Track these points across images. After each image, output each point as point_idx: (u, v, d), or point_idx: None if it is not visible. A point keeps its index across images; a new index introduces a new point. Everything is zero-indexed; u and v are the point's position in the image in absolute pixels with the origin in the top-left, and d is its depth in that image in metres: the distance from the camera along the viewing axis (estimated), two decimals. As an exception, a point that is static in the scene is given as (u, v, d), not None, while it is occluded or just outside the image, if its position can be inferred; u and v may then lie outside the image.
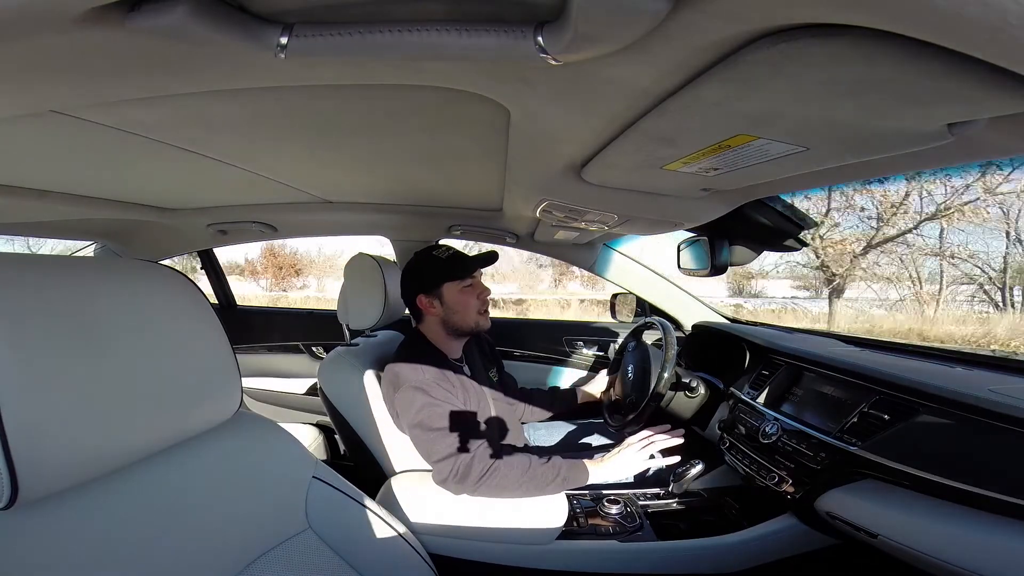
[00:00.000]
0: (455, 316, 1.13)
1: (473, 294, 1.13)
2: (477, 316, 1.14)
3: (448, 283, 1.12)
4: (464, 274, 1.13)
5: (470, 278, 1.13)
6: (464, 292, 1.12)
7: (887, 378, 0.86)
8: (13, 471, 0.40)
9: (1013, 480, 0.62)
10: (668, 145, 0.59)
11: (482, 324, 1.15)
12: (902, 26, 0.28)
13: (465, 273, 1.13)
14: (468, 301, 1.12)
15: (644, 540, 0.97)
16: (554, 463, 1.00)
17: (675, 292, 1.75)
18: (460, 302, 1.12)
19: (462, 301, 1.12)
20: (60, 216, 1.27)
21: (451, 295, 1.12)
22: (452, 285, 1.12)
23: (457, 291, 1.12)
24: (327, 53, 0.40)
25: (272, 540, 0.65)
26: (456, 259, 1.14)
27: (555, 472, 0.99)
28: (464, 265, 1.13)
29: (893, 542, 0.73)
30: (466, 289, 1.13)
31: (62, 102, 0.59)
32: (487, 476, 0.95)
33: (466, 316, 1.13)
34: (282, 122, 0.73)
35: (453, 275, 1.12)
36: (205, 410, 0.60)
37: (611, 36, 0.35)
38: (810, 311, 9.81)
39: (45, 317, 0.45)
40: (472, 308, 1.13)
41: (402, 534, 0.76)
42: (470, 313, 1.13)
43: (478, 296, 1.14)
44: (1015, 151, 0.52)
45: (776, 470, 0.96)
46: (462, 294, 1.12)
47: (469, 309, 1.13)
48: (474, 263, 1.15)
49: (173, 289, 0.59)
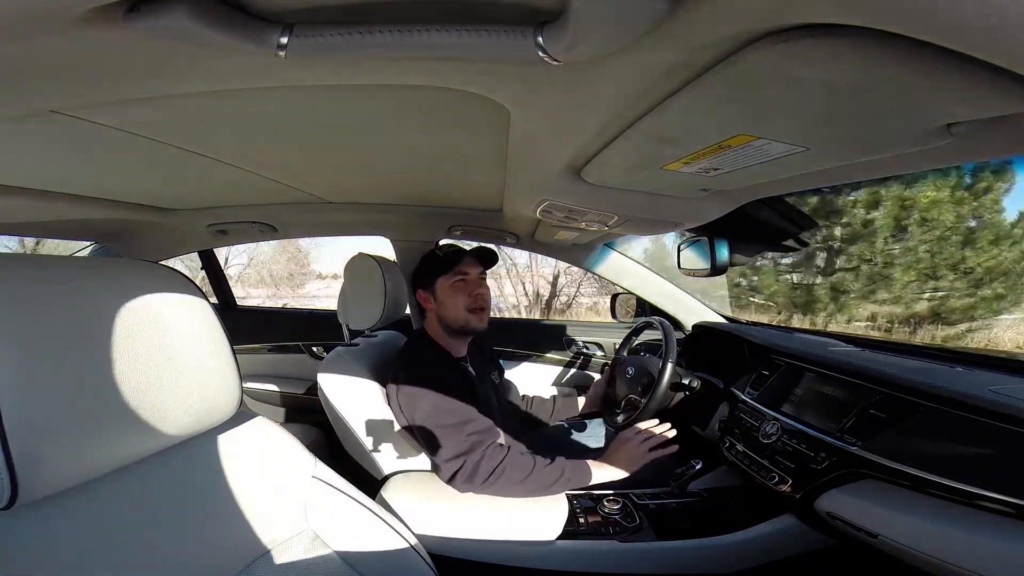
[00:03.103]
0: (446, 312, 1.14)
1: (464, 290, 1.13)
2: (467, 314, 1.13)
3: (440, 277, 1.14)
4: (449, 270, 1.13)
5: (460, 273, 1.14)
6: (453, 287, 1.13)
7: (887, 378, 0.86)
8: (13, 471, 0.40)
9: (1013, 480, 0.62)
10: (668, 145, 0.59)
11: (472, 323, 1.14)
12: (902, 26, 0.28)
13: (450, 270, 1.13)
14: (456, 296, 1.13)
15: (644, 540, 0.97)
16: (558, 464, 1.01)
17: (675, 292, 1.75)
18: (449, 297, 1.13)
19: (451, 296, 1.13)
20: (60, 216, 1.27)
21: (442, 290, 1.14)
22: (443, 280, 1.14)
23: (447, 286, 1.13)
24: (327, 53, 0.40)
25: (272, 540, 0.65)
26: (450, 255, 1.16)
27: (559, 472, 1.00)
28: (453, 260, 1.14)
29: (893, 542, 0.73)
30: (456, 284, 1.13)
31: (62, 102, 0.59)
32: (494, 476, 0.95)
33: (455, 312, 1.13)
34: (282, 122, 0.73)
35: (442, 270, 1.14)
36: (205, 410, 0.60)
37: (611, 36, 0.35)
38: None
39: (45, 317, 0.45)
40: (460, 304, 1.13)
41: (402, 534, 0.76)
42: (459, 309, 1.13)
43: (470, 293, 1.13)
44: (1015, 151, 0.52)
45: (776, 470, 0.96)
46: (451, 289, 1.13)
47: (457, 305, 1.13)
48: (460, 257, 1.15)
49: (173, 289, 0.59)
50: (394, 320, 1.35)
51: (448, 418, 0.99)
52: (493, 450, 0.98)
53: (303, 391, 1.96)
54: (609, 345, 1.90)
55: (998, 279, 5.94)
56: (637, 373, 1.30)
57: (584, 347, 1.93)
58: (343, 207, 1.46)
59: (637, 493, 1.11)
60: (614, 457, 1.06)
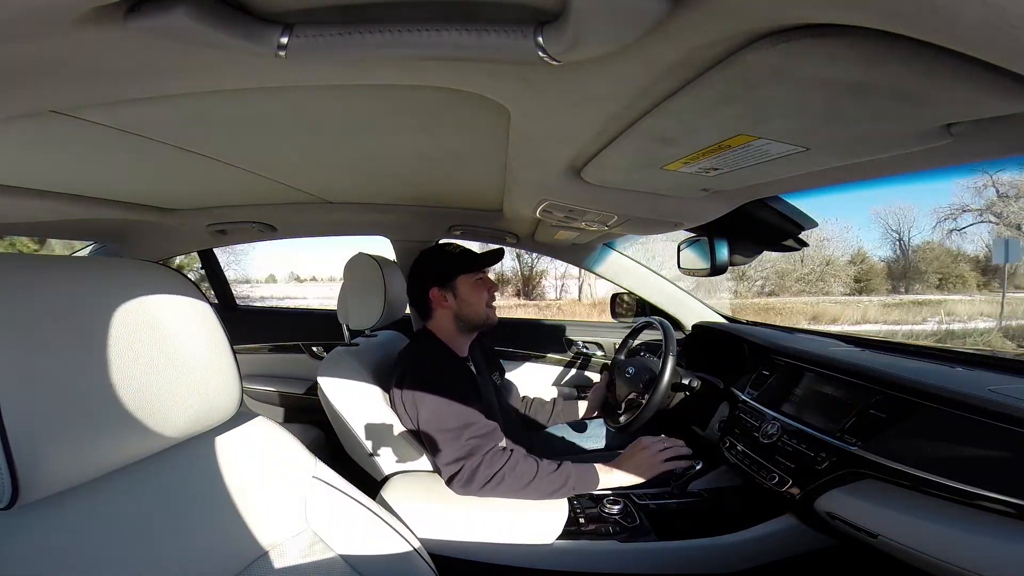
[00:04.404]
0: (467, 308, 1.16)
1: (484, 287, 1.18)
2: (487, 309, 1.18)
3: (462, 276, 1.16)
4: (477, 267, 1.17)
5: (481, 272, 1.18)
6: (476, 285, 1.17)
7: (887, 378, 0.86)
8: (13, 471, 0.40)
9: (1013, 480, 0.62)
10: (668, 145, 0.59)
11: (492, 318, 1.20)
12: (902, 26, 0.28)
13: (477, 266, 1.18)
14: (480, 294, 1.17)
15: (644, 540, 0.97)
16: (563, 471, 0.99)
17: (675, 292, 1.75)
18: (473, 294, 1.16)
19: (475, 293, 1.16)
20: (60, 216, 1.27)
21: (464, 288, 1.16)
22: (466, 278, 1.16)
23: (470, 284, 1.17)
24: (327, 53, 0.40)
25: (272, 540, 0.65)
26: (468, 253, 1.20)
27: (562, 480, 0.98)
28: (476, 259, 1.19)
29: (893, 542, 0.73)
30: (478, 282, 1.18)
31: (62, 102, 0.59)
32: (493, 483, 0.94)
33: (478, 308, 1.17)
34: (282, 122, 0.73)
35: (466, 268, 1.16)
36: (205, 410, 0.60)
37: (611, 36, 0.35)
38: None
39: (45, 317, 0.45)
40: (483, 301, 1.18)
41: (402, 534, 0.76)
42: (481, 306, 1.17)
43: (488, 290, 1.19)
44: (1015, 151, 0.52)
45: (776, 470, 0.96)
46: (475, 287, 1.17)
47: (480, 302, 1.17)
48: (485, 258, 1.20)
49: (173, 289, 0.59)
50: (394, 320, 1.35)
51: (449, 422, 0.98)
52: (493, 455, 0.97)
53: (303, 391, 1.96)
54: (609, 345, 1.90)
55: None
56: (637, 372, 1.30)
57: (584, 347, 1.93)
58: (343, 207, 1.46)
59: (637, 493, 1.11)
60: (628, 464, 1.04)
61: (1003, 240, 12.43)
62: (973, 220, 16.36)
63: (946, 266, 16.74)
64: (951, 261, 16.80)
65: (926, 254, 17.12)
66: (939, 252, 17.00)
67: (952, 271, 16.66)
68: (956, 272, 16.62)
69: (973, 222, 16.37)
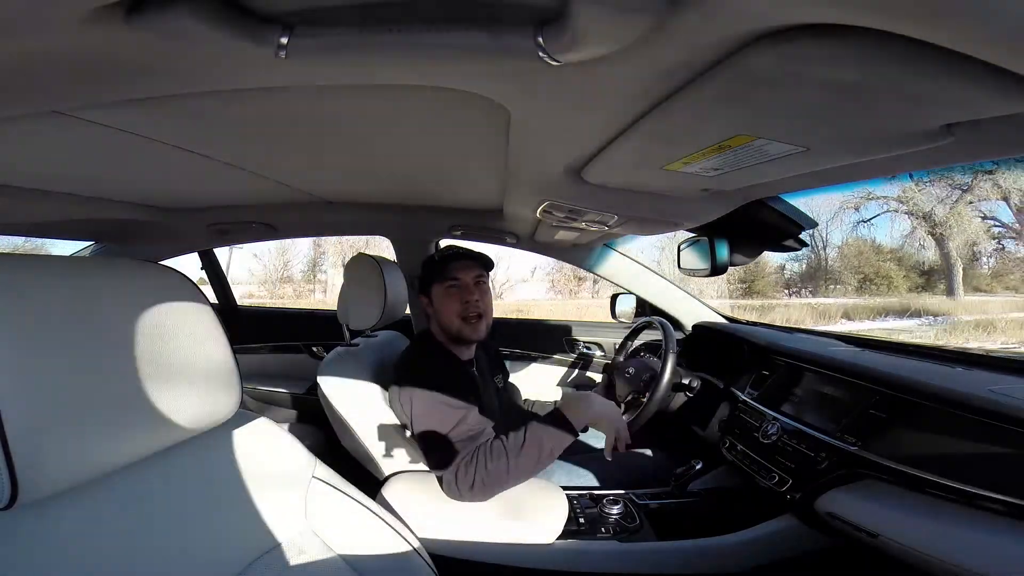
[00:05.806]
0: (441, 319, 1.10)
1: (456, 297, 1.07)
2: (460, 322, 1.07)
3: (435, 284, 1.10)
4: (442, 276, 1.08)
5: (452, 279, 1.08)
6: (447, 294, 1.08)
7: (887, 378, 0.86)
8: (13, 471, 0.40)
9: (1013, 480, 0.62)
10: (668, 145, 0.59)
11: (465, 332, 1.07)
12: (901, 26, 0.28)
13: (443, 276, 1.08)
14: (450, 303, 1.07)
15: (644, 540, 0.97)
16: (532, 441, 0.94)
17: (675, 292, 1.75)
18: (443, 304, 1.09)
19: (444, 303, 1.08)
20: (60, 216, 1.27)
21: (437, 296, 1.10)
22: (437, 286, 1.09)
23: (441, 292, 1.09)
24: (327, 53, 0.40)
25: (272, 540, 0.65)
26: (444, 259, 1.10)
27: (538, 450, 0.94)
28: (445, 264, 1.09)
29: (893, 542, 0.73)
30: (449, 290, 1.08)
31: (63, 102, 0.59)
32: (478, 484, 0.92)
33: (449, 320, 1.08)
34: (282, 122, 0.73)
35: (436, 276, 1.10)
36: (205, 410, 0.60)
37: (611, 36, 0.35)
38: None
39: (45, 317, 0.45)
40: (453, 312, 1.07)
41: (402, 534, 0.76)
42: (451, 317, 1.07)
43: (463, 300, 1.07)
44: (1015, 151, 0.52)
45: (776, 470, 0.96)
46: (445, 296, 1.08)
47: (450, 313, 1.07)
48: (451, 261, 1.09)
49: (173, 289, 0.59)
50: (394, 320, 1.35)
51: (438, 427, 0.96)
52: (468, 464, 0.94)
53: (303, 391, 1.96)
54: (609, 345, 1.90)
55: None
56: (637, 371, 1.30)
57: (584, 347, 1.93)
58: (343, 207, 1.46)
59: (637, 493, 1.11)
60: (594, 404, 1.00)
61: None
62: (878, 210, 13.56)
63: (869, 263, 13.73)
64: (875, 257, 13.71)
65: (845, 250, 14.18)
66: (862, 247, 13.95)
67: (877, 270, 13.59)
68: (882, 272, 13.50)
69: (879, 212, 13.58)
